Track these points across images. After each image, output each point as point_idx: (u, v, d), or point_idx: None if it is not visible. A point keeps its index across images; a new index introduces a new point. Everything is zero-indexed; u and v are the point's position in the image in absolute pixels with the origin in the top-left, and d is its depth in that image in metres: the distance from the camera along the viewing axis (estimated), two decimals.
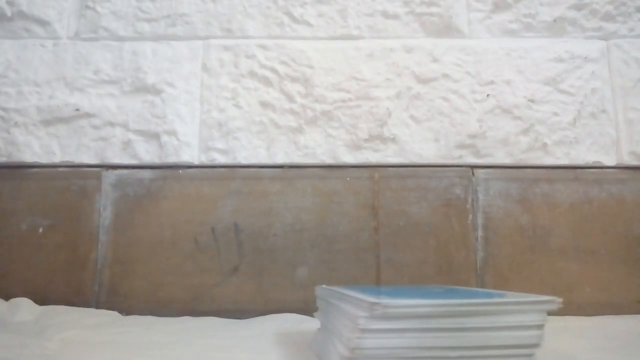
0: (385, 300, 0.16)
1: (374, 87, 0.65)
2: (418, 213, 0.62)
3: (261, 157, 0.64)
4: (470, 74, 0.66)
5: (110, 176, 0.64)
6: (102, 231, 0.62)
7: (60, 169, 0.64)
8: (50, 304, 0.58)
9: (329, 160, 0.64)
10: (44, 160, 0.64)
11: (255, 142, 0.64)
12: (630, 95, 0.66)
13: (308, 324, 0.55)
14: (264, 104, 0.65)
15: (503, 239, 0.62)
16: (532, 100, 0.65)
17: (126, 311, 0.59)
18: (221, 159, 0.64)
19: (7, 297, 0.58)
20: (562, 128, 0.65)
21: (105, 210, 0.62)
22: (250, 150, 0.64)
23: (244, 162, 0.64)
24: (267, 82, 0.66)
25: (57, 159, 0.64)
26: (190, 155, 0.64)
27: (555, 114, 0.65)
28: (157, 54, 0.66)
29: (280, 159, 0.64)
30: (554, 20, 0.67)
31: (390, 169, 0.63)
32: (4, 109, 0.65)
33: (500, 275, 0.61)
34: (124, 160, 0.64)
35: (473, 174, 0.63)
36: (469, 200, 0.63)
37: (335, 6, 0.68)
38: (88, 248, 0.61)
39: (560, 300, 0.17)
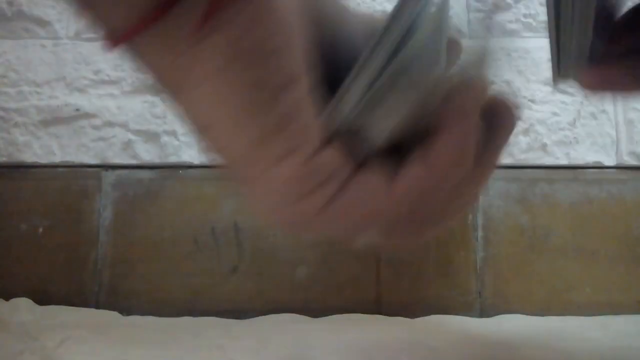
0: None
1: None
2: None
3: None
4: None
5: (110, 176, 0.64)
6: (102, 231, 0.62)
7: (60, 169, 0.64)
8: (50, 304, 0.58)
9: None
10: (44, 160, 0.64)
11: None
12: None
13: (308, 325, 0.55)
14: None
15: (503, 239, 0.62)
16: (532, 100, 0.65)
17: (126, 311, 0.59)
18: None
19: (7, 297, 0.58)
20: (562, 128, 0.65)
21: (105, 211, 0.62)
22: None
23: None
24: None
25: (57, 159, 0.64)
26: (191, 155, 0.64)
27: (555, 114, 0.65)
28: None
29: None
30: None
31: None
32: (4, 109, 0.65)
33: (500, 275, 0.61)
34: (124, 160, 0.64)
35: None
36: None
37: None
38: (88, 248, 0.61)
39: None
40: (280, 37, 0.17)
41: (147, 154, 0.64)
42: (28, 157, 0.64)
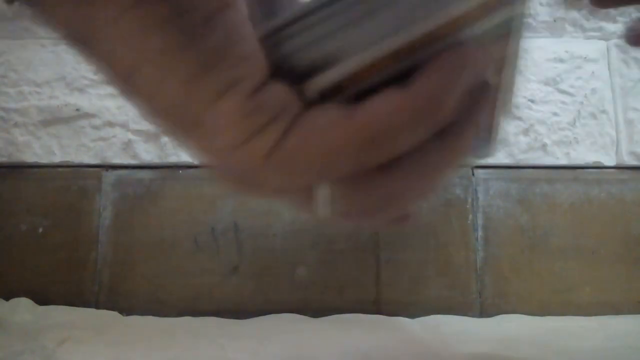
0: None
1: None
2: (418, 213, 0.62)
3: None
4: None
5: (110, 176, 0.64)
6: (102, 231, 0.62)
7: (60, 169, 0.64)
8: (50, 304, 0.58)
9: None
10: (44, 160, 0.64)
11: None
12: (630, 95, 0.66)
13: (308, 324, 0.55)
14: None
15: (503, 239, 0.62)
16: (532, 100, 0.65)
17: (126, 311, 0.59)
18: None
19: (7, 297, 0.58)
20: (562, 128, 0.65)
21: (105, 210, 0.62)
22: None
23: None
24: None
25: (57, 159, 0.64)
26: (191, 155, 0.64)
27: (555, 114, 0.65)
28: None
29: None
30: (554, 20, 0.67)
31: None
32: (4, 109, 0.65)
33: (500, 275, 0.61)
34: (124, 160, 0.64)
35: (473, 173, 0.63)
36: (469, 200, 0.62)
37: None
38: (88, 248, 0.61)
39: None
40: None
41: (147, 154, 0.64)
42: (28, 157, 0.64)
